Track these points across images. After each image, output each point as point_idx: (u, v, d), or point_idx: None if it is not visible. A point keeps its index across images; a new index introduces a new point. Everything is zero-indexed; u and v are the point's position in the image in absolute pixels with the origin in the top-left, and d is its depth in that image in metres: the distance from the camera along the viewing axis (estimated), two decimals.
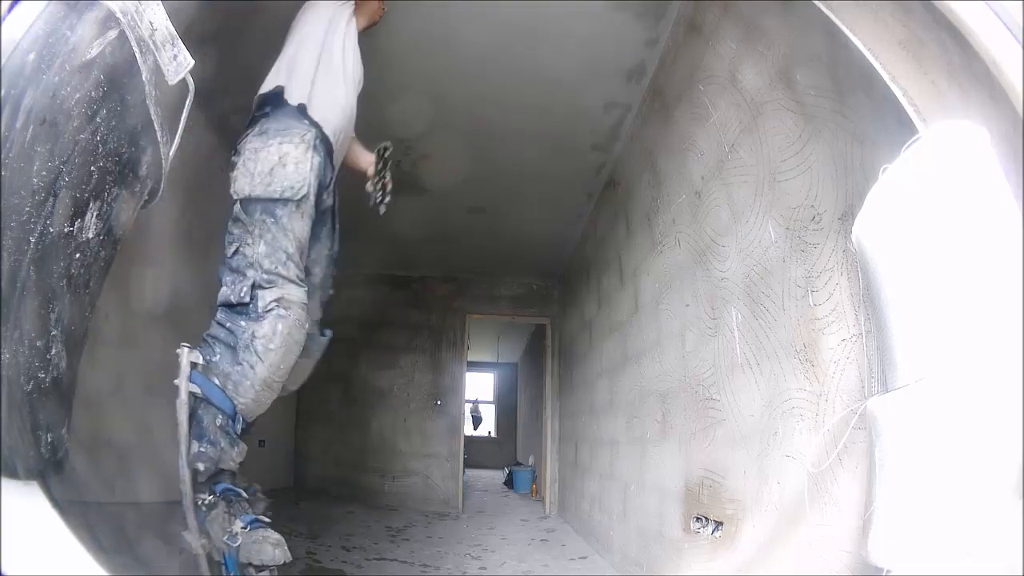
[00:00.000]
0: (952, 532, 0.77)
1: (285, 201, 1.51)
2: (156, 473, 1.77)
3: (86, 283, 1.02)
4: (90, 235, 0.99)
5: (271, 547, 1.36)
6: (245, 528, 1.37)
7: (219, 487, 1.41)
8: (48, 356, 0.91)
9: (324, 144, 1.62)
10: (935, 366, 0.81)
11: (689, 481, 1.95)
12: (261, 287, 1.47)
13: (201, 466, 1.36)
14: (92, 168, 0.97)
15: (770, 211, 1.55)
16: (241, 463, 1.46)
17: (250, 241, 1.50)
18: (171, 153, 1.17)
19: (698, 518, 1.81)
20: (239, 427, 1.45)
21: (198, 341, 1.45)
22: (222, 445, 1.40)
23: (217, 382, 1.42)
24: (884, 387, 0.97)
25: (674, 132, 2.30)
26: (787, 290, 1.45)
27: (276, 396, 1.52)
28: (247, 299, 1.46)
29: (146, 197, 1.17)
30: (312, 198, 1.57)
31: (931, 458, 0.82)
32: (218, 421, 1.41)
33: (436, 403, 5.36)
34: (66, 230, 0.93)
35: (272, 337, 1.45)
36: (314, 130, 1.59)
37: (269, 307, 1.46)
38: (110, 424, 1.60)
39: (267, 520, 1.43)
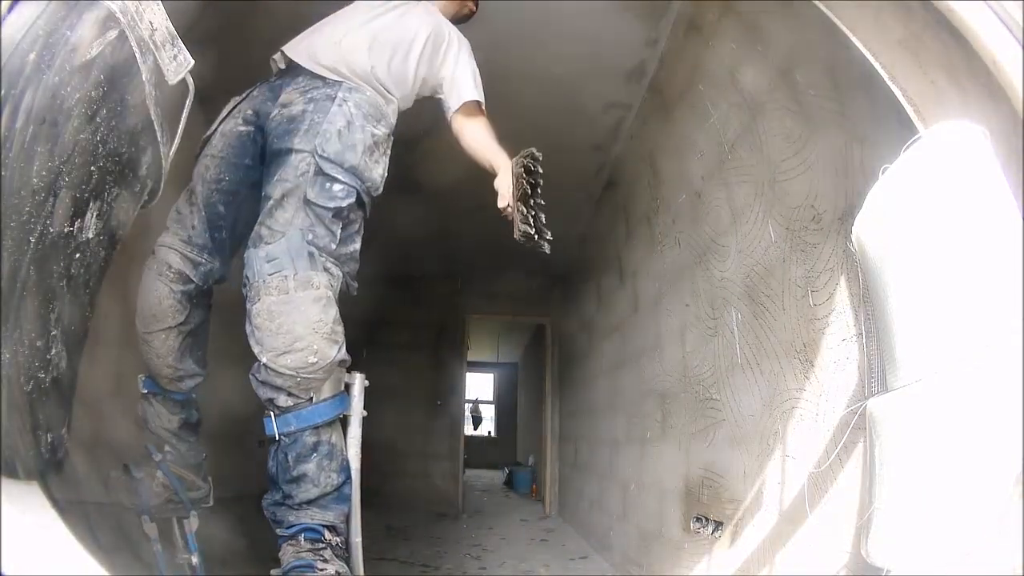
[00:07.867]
0: (952, 532, 0.77)
1: None
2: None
3: (86, 283, 1.02)
4: (90, 235, 0.99)
5: None
6: None
7: None
8: (48, 356, 0.91)
9: None
10: (935, 366, 0.82)
11: (689, 481, 1.95)
12: None
13: None
14: (92, 168, 0.97)
15: (770, 211, 1.56)
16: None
17: None
18: (171, 153, 1.17)
19: (698, 518, 1.81)
20: None
21: None
22: None
23: None
24: (884, 387, 0.97)
25: (674, 132, 2.30)
26: (787, 290, 1.45)
27: None
28: None
29: (146, 197, 1.17)
30: None
31: (931, 458, 0.82)
32: None
33: (437, 403, 5.35)
34: (66, 230, 0.93)
35: None
36: None
37: None
38: (110, 424, 1.60)
39: None
